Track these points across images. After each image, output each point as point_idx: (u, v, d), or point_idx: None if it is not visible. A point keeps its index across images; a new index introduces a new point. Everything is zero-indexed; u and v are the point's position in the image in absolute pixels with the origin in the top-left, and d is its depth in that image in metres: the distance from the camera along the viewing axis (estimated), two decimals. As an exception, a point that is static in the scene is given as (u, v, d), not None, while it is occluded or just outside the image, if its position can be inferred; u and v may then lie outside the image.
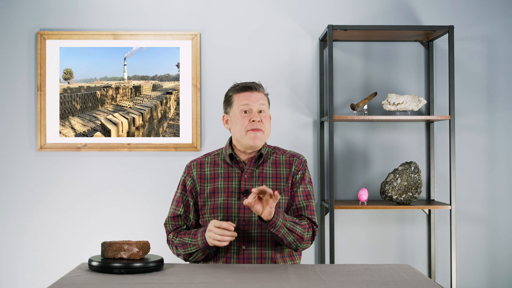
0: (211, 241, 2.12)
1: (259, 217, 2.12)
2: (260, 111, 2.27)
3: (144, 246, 2.01)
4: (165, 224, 2.35)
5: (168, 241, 2.33)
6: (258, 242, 2.23)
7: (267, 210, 2.07)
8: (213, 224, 2.11)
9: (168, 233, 2.33)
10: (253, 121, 2.23)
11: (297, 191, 2.30)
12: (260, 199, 2.07)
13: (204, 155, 2.40)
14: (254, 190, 2.03)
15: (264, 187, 2.03)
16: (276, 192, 2.04)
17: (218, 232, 2.10)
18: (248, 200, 2.03)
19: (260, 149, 2.31)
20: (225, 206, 2.25)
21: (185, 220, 2.33)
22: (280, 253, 2.27)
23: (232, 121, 2.30)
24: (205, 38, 3.35)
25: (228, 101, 2.33)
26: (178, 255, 2.30)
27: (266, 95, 2.35)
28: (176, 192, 2.37)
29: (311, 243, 2.30)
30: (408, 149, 3.38)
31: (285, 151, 2.38)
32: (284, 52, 3.37)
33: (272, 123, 3.27)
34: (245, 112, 2.26)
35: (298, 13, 3.37)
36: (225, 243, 2.10)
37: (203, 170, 2.33)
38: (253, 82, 2.32)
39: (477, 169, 3.39)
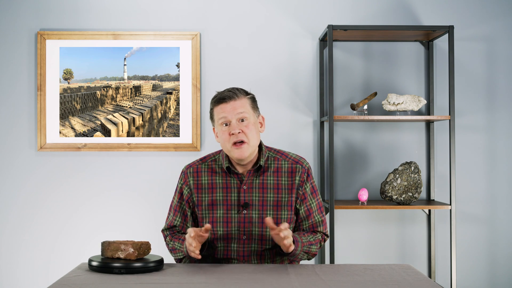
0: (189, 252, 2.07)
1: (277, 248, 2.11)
2: (242, 120, 2.14)
3: (143, 247, 2.01)
4: (162, 231, 2.31)
5: (166, 244, 2.29)
6: (257, 256, 2.19)
7: (287, 243, 2.03)
8: (188, 233, 2.04)
9: (165, 238, 2.29)
10: (233, 134, 2.11)
11: (311, 206, 2.23)
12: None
13: (200, 160, 2.28)
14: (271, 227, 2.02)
15: (269, 223, 2.00)
16: (283, 225, 2.00)
17: (189, 242, 2.03)
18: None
19: (258, 160, 2.21)
20: (224, 220, 2.18)
21: (182, 230, 2.27)
22: (280, 261, 2.25)
23: (218, 135, 2.19)
24: (205, 38, 3.35)
25: (211, 115, 2.22)
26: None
27: (249, 97, 2.19)
28: (174, 199, 2.29)
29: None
30: (408, 149, 3.38)
31: (288, 155, 2.26)
32: (284, 52, 3.37)
33: (272, 123, 3.27)
34: (226, 125, 2.14)
35: (298, 13, 3.37)
36: (197, 255, 2.03)
37: (200, 178, 2.23)
38: (229, 91, 2.17)
39: (477, 169, 3.39)
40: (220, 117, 2.15)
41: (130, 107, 3.35)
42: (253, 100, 2.21)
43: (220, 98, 2.16)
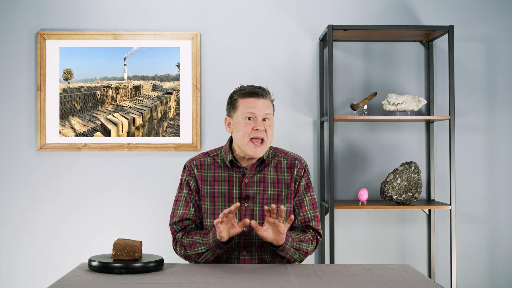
0: (218, 233, 2.05)
1: (268, 243, 2.11)
2: (265, 119, 2.20)
3: (126, 249, 2.00)
4: (171, 224, 2.25)
5: (175, 241, 2.23)
6: (258, 247, 2.22)
7: (278, 236, 2.06)
8: (222, 213, 2.04)
9: (175, 233, 2.24)
10: (257, 129, 2.17)
11: (303, 201, 2.27)
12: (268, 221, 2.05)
13: (203, 154, 2.32)
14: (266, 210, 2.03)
15: (273, 206, 2.01)
16: (292, 217, 2.01)
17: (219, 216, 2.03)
18: (253, 224, 2.03)
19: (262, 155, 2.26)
20: None
21: (196, 221, 2.26)
22: (280, 257, 2.25)
23: (235, 126, 2.23)
24: (205, 38, 3.35)
25: (232, 105, 2.25)
26: (186, 257, 2.22)
27: (272, 101, 2.27)
28: (181, 192, 2.28)
29: (313, 252, 2.33)
30: (408, 149, 3.38)
31: (286, 153, 2.32)
32: (284, 52, 3.37)
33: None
34: (249, 119, 2.19)
35: (298, 13, 3.37)
36: (223, 226, 2.04)
37: (203, 171, 2.26)
38: (260, 88, 2.24)
39: (477, 169, 3.39)
40: (247, 110, 2.20)
41: (130, 107, 3.35)
42: (273, 104, 2.30)
43: (252, 93, 2.22)
